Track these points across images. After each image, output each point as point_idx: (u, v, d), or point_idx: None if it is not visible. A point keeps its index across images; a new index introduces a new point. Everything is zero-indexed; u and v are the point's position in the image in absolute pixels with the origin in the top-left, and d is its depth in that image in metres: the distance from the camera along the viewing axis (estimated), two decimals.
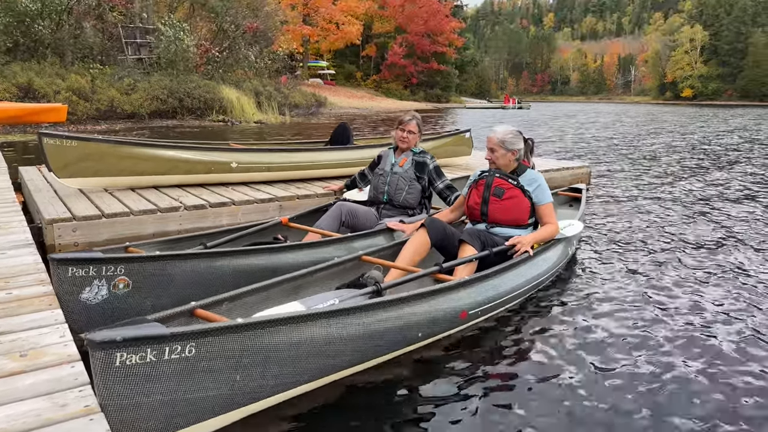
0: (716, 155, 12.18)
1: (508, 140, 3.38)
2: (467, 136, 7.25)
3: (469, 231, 3.28)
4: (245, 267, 2.99)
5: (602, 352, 2.74)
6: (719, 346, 2.83)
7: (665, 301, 3.43)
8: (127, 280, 2.60)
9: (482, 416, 2.18)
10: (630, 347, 2.80)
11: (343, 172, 5.63)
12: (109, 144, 4.71)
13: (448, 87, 56.57)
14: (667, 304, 3.38)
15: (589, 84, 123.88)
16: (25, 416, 1.52)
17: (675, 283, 3.75)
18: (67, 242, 3.78)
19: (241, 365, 1.83)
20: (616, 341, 2.87)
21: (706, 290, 3.64)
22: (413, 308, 2.47)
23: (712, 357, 2.71)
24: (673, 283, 3.75)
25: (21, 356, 1.85)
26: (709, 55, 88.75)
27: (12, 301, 2.32)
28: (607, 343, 2.84)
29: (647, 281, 3.79)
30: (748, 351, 2.77)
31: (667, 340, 2.88)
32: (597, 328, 3.03)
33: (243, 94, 20.53)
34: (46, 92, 15.03)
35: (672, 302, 3.42)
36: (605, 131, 19.89)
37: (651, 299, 3.46)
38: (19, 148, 10.74)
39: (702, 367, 2.60)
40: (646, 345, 2.83)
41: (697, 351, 2.77)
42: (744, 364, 2.65)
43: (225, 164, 5.14)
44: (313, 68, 46.53)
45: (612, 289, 3.63)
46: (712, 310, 3.29)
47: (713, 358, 2.70)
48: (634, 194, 7.15)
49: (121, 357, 1.54)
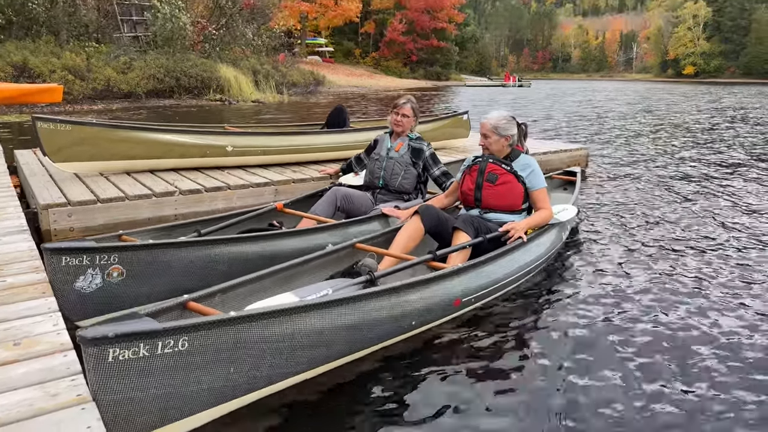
0: (718, 135, 12.13)
1: (501, 126, 3.36)
2: (465, 118, 7.21)
3: (462, 217, 3.29)
4: (240, 254, 3.00)
5: (596, 337, 2.77)
6: (717, 329, 2.85)
7: (661, 284, 3.45)
8: (120, 269, 2.62)
9: (475, 403, 2.21)
10: (624, 332, 2.82)
11: (339, 156, 5.61)
12: (104, 128, 4.68)
13: (448, 64, 56.02)
14: (664, 288, 3.40)
15: (590, 61, 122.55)
16: (18, 406, 1.55)
17: (672, 266, 3.77)
18: (63, 227, 3.79)
19: (235, 358, 1.85)
20: (610, 326, 2.89)
21: (704, 273, 3.65)
22: (407, 297, 2.49)
23: (709, 339, 2.73)
24: (670, 266, 3.77)
25: (15, 345, 1.87)
26: (712, 31, 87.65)
27: (6, 289, 2.34)
28: (601, 328, 2.86)
29: (643, 265, 3.80)
30: (753, 334, 2.80)
31: (663, 324, 2.91)
32: (591, 313, 3.05)
33: (240, 72, 20.34)
34: (41, 71, 14.89)
35: (669, 285, 3.44)
36: (604, 111, 19.77)
37: (646, 283, 3.48)
38: (15, 128, 10.68)
39: (699, 350, 2.63)
40: (641, 330, 2.85)
41: (695, 334, 2.80)
42: (751, 348, 2.67)
43: (220, 148, 5.12)
44: (311, 45, 45.98)
45: (606, 273, 3.65)
46: (711, 293, 3.32)
47: (711, 340, 2.73)
48: (631, 176, 7.13)
49: (114, 353, 1.56)
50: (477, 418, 2.12)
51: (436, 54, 53.24)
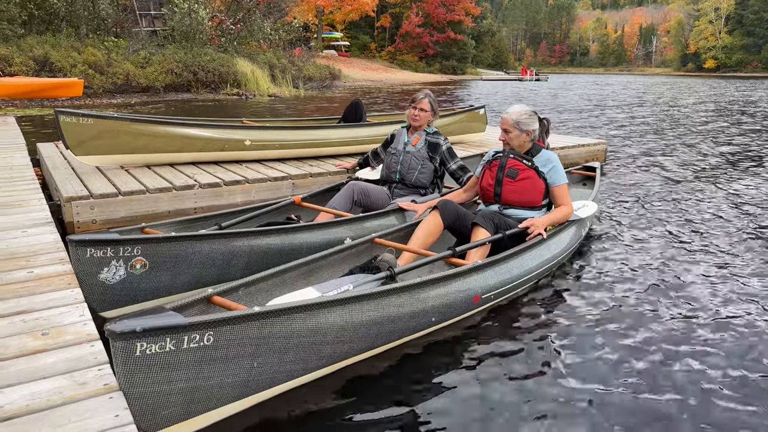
0: (742, 131, 11.92)
1: (522, 121, 3.33)
2: (482, 113, 7.17)
3: (482, 213, 3.27)
4: (260, 247, 3.02)
5: (616, 335, 2.75)
6: (741, 328, 2.81)
7: (682, 282, 3.41)
8: (144, 261, 2.65)
9: (496, 398, 2.20)
10: (645, 330, 2.80)
11: (356, 150, 5.61)
12: (124, 121, 4.73)
13: (464, 58, 55.67)
14: (684, 286, 3.36)
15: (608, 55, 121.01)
16: (48, 394, 1.58)
17: (693, 265, 3.72)
18: (85, 220, 3.84)
19: (259, 353, 1.87)
20: (631, 323, 2.87)
21: (727, 271, 3.60)
22: (427, 293, 2.49)
23: (731, 338, 2.70)
24: (694, 263, 3.72)
25: (43, 335, 1.91)
26: (734, 25, 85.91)
27: (33, 280, 2.38)
28: (621, 325, 2.84)
29: (664, 262, 3.76)
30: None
31: (685, 323, 2.88)
32: (611, 310, 3.03)
33: (257, 67, 20.40)
34: (62, 66, 15.08)
35: (689, 284, 3.39)
36: (623, 105, 19.52)
37: (667, 280, 3.44)
38: (37, 122, 10.83)
39: (721, 350, 2.60)
40: (662, 327, 2.82)
41: (718, 336, 2.76)
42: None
43: (239, 142, 5.15)
44: (327, 39, 45.98)
45: (626, 269, 3.62)
46: (733, 291, 3.27)
47: (733, 339, 2.69)
48: (651, 171, 7.04)
49: (141, 347, 1.58)
50: (498, 414, 2.11)
51: (453, 48, 52.94)
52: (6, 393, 1.58)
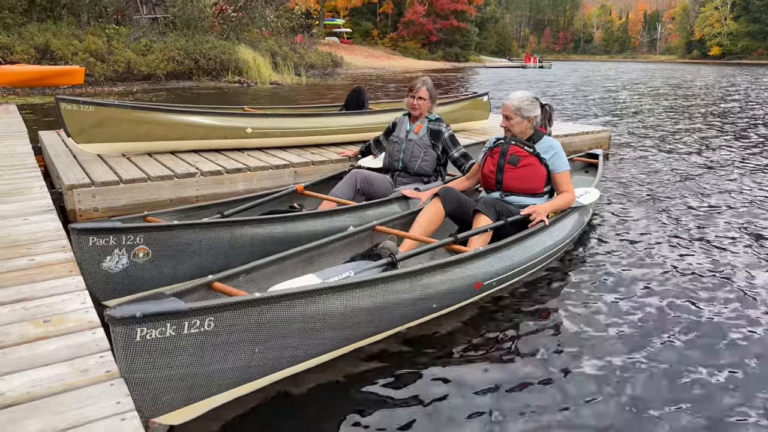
0: (748, 117, 11.83)
1: (524, 107, 3.31)
2: (485, 100, 7.12)
3: (484, 200, 3.26)
4: (262, 236, 3.02)
5: (617, 321, 2.75)
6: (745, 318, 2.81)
7: (683, 270, 3.40)
8: (146, 249, 2.65)
9: (496, 386, 2.21)
10: (648, 317, 2.80)
11: (358, 138, 5.59)
12: (126, 109, 4.71)
13: (468, 45, 55.30)
14: (686, 274, 3.35)
15: (612, 42, 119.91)
16: (50, 381, 1.59)
17: (696, 252, 3.71)
18: (87, 207, 3.84)
19: (260, 338, 1.87)
20: (633, 310, 2.87)
21: (729, 261, 3.59)
22: (428, 280, 2.48)
23: (735, 330, 2.70)
24: (695, 252, 3.71)
25: (44, 322, 1.92)
26: (740, 11, 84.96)
27: (35, 268, 2.38)
28: (623, 313, 2.84)
29: (666, 249, 3.75)
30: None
31: (689, 309, 2.87)
32: (613, 297, 3.02)
33: (259, 54, 20.30)
34: (63, 54, 15.03)
35: (691, 272, 3.39)
36: (627, 92, 19.39)
37: (670, 268, 3.43)
38: (38, 110, 10.82)
39: (724, 341, 2.59)
40: (665, 314, 2.82)
41: (722, 324, 2.76)
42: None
43: (240, 129, 5.13)
44: (329, 26, 45.68)
45: (628, 257, 3.61)
46: (736, 280, 3.26)
47: (736, 330, 2.69)
48: (655, 159, 7.01)
49: (142, 332, 1.58)
50: (497, 402, 2.12)
51: (456, 35, 52.58)
52: (7, 380, 1.59)
